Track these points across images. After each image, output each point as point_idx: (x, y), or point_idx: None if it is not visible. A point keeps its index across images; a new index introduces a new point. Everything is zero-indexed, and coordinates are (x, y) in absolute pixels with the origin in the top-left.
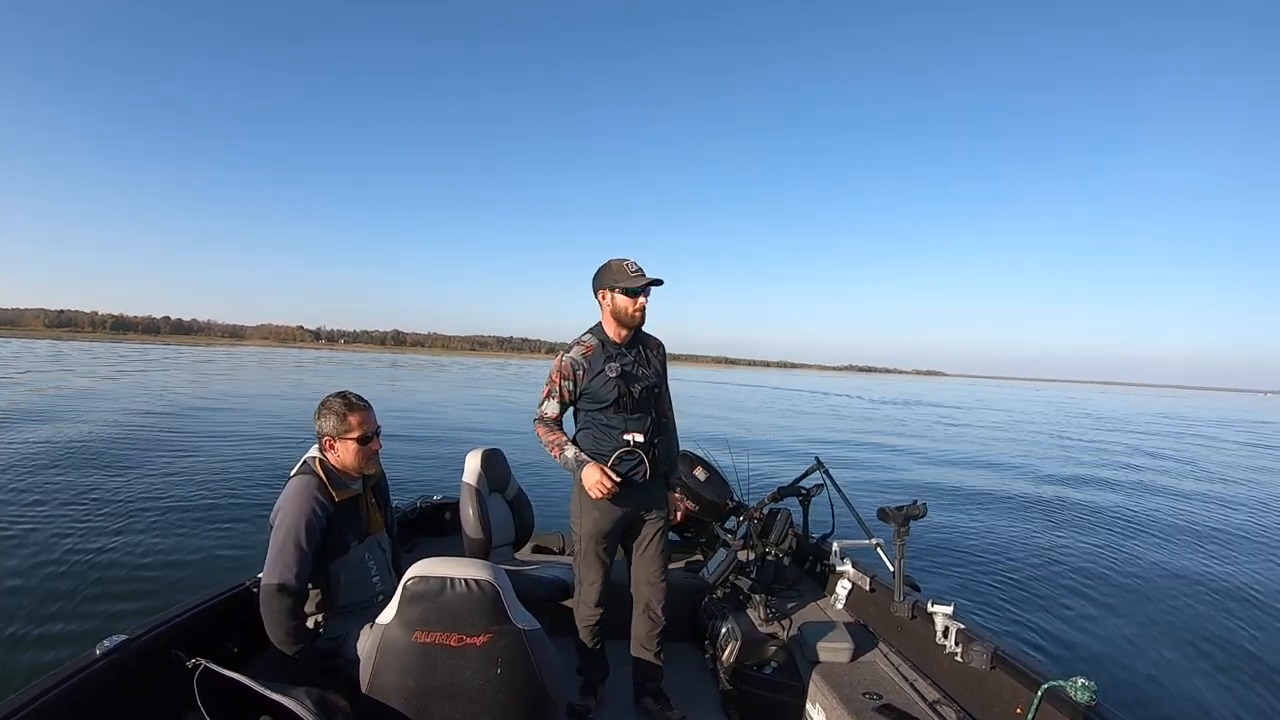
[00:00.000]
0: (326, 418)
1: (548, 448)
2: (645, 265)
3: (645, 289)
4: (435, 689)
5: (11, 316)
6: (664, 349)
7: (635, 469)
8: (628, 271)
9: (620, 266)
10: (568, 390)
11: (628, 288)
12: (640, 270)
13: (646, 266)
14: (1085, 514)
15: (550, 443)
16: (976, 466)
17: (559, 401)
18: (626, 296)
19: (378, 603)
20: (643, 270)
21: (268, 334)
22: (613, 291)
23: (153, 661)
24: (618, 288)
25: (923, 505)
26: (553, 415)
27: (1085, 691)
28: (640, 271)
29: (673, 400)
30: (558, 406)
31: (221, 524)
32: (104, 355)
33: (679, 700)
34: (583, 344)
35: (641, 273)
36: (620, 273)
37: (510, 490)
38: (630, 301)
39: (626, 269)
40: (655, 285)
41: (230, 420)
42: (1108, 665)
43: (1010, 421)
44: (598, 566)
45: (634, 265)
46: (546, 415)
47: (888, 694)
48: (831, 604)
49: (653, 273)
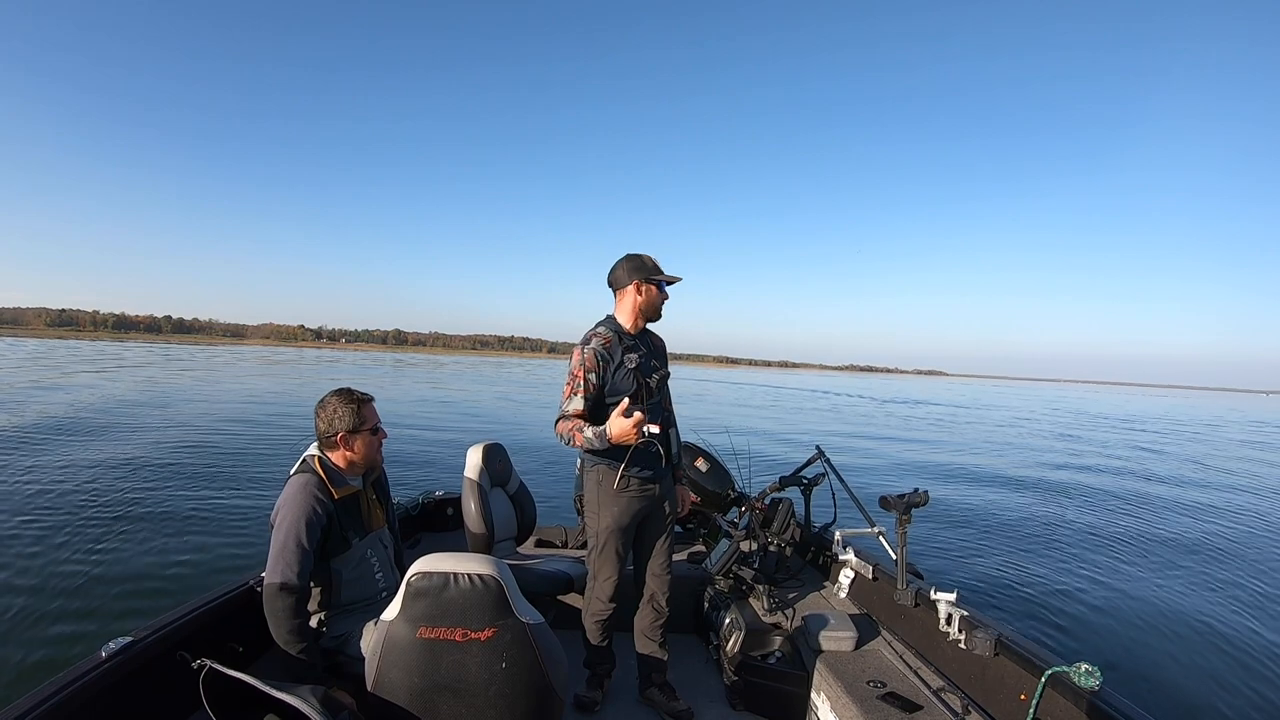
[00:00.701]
0: (337, 416)
1: (567, 437)
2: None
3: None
4: (440, 685)
5: (13, 315)
6: (664, 343)
7: (651, 461)
8: (654, 264)
9: (653, 261)
10: (592, 383)
11: (663, 281)
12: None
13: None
14: (1087, 504)
15: (568, 430)
16: (979, 457)
17: (584, 397)
18: (657, 290)
19: (381, 599)
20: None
21: (269, 333)
22: (647, 284)
23: (158, 663)
24: (653, 280)
25: (925, 493)
26: (576, 411)
27: (1090, 677)
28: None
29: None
30: (582, 402)
31: (223, 524)
32: (107, 353)
33: (684, 691)
34: (600, 335)
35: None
36: (650, 265)
37: (512, 484)
38: (661, 295)
39: (654, 262)
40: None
41: (230, 420)
42: (1112, 651)
43: (1012, 419)
44: (615, 561)
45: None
46: (569, 413)
47: (892, 682)
48: (834, 593)
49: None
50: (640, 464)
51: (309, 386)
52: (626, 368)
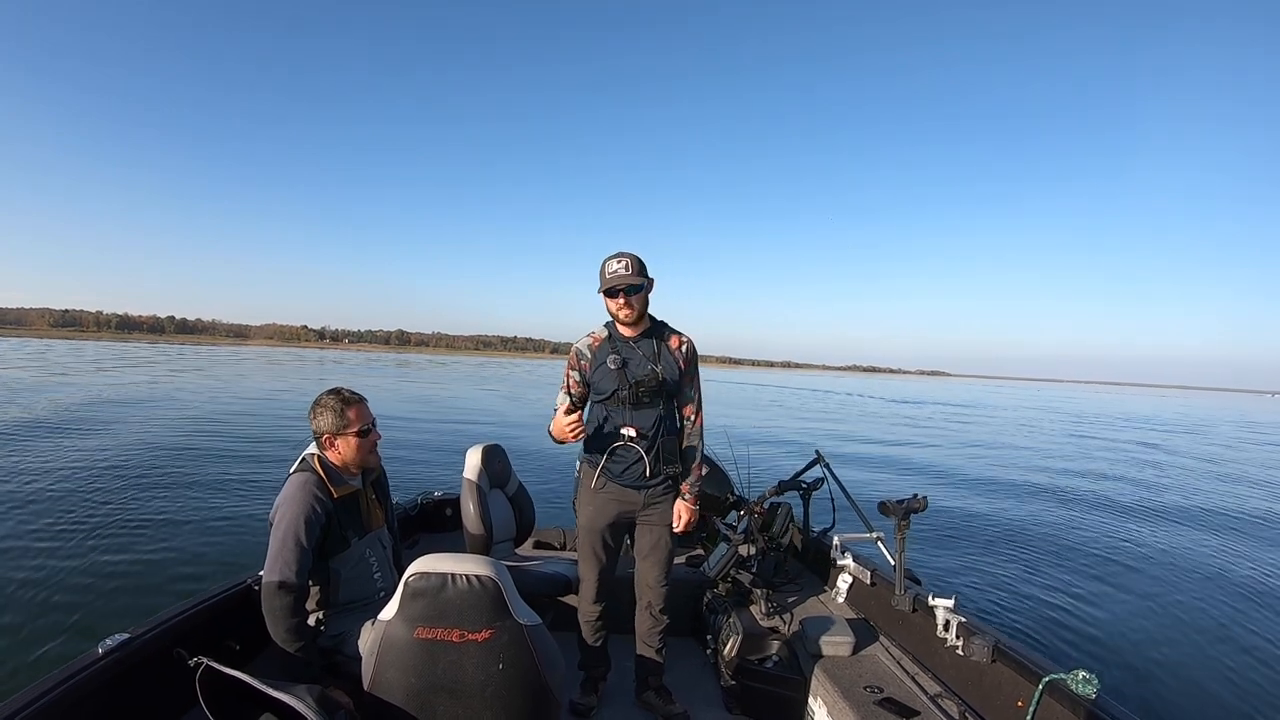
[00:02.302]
0: (323, 415)
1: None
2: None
3: (622, 291)
4: (437, 685)
5: (17, 316)
6: (691, 347)
7: (631, 465)
8: (605, 274)
9: (603, 268)
10: (575, 381)
11: (604, 290)
12: (618, 270)
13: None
14: (1087, 508)
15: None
16: (977, 461)
17: (567, 393)
18: (607, 298)
19: (379, 599)
20: (622, 269)
21: (272, 334)
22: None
23: (155, 660)
24: (601, 290)
25: (923, 499)
26: (560, 406)
27: (1087, 684)
28: (617, 272)
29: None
30: (565, 397)
31: (222, 522)
32: (108, 353)
33: (681, 695)
34: (592, 335)
35: (619, 273)
36: (601, 275)
37: (511, 486)
38: (610, 303)
39: (606, 271)
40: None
41: (230, 419)
42: (1110, 658)
43: (1014, 420)
44: (593, 562)
45: (615, 265)
46: (555, 407)
47: (889, 687)
48: (833, 598)
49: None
50: (621, 465)
51: (313, 386)
52: (609, 368)
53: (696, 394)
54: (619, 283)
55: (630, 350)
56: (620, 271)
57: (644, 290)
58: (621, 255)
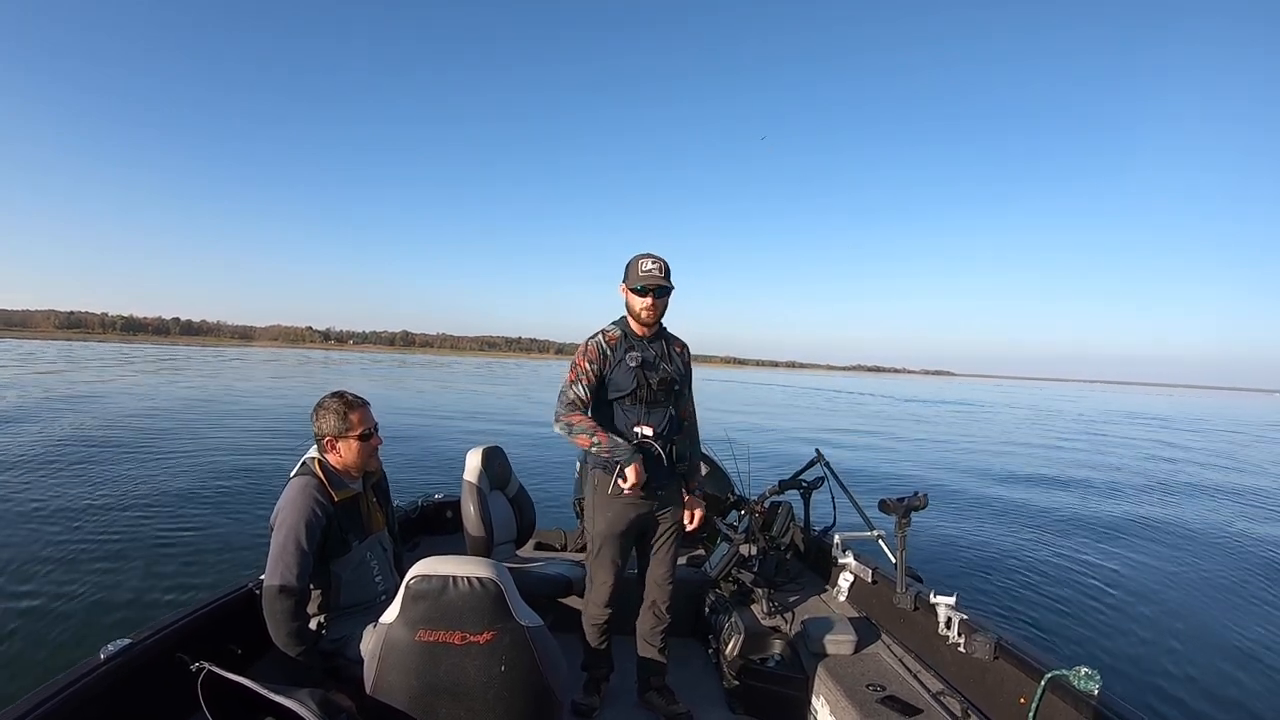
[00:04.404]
0: (325, 418)
1: (577, 433)
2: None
3: (653, 291)
4: (439, 687)
5: (22, 318)
6: (689, 351)
7: (653, 465)
8: (639, 272)
9: (635, 265)
10: (593, 373)
11: (634, 287)
12: (652, 271)
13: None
14: (1088, 506)
15: (586, 429)
16: (979, 459)
17: (586, 385)
18: (635, 295)
19: (380, 602)
20: (656, 271)
21: (277, 335)
22: (627, 288)
23: (157, 665)
24: (628, 286)
25: (924, 496)
26: (580, 398)
27: (1089, 681)
28: (651, 272)
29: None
30: (585, 390)
31: (223, 526)
32: (109, 356)
33: (683, 695)
34: (606, 333)
35: (653, 273)
36: (633, 272)
37: (511, 488)
38: (638, 300)
39: (639, 268)
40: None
41: (230, 421)
42: (1111, 655)
43: (1018, 419)
44: (610, 567)
45: (649, 264)
46: (571, 397)
47: (891, 685)
48: (834, 596)
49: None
50: None
51: (317, 388)
52: (628, 365)
53: (691, 397)
54: (652, 283)
55: (646, 349)
56: (654, 272)
57: (669, 294)
58: (655, 257)
